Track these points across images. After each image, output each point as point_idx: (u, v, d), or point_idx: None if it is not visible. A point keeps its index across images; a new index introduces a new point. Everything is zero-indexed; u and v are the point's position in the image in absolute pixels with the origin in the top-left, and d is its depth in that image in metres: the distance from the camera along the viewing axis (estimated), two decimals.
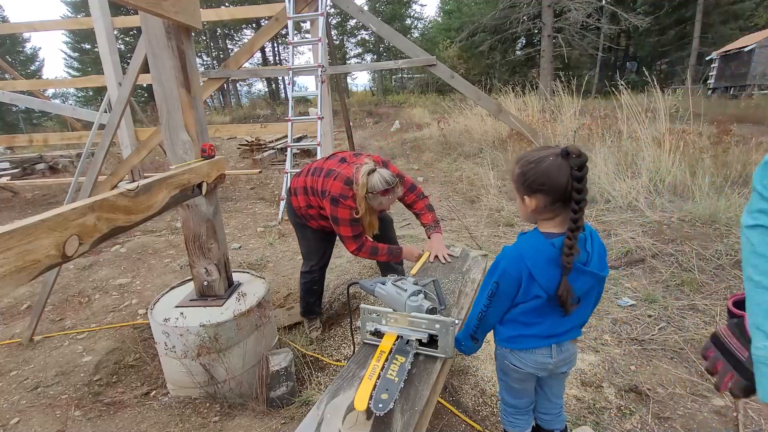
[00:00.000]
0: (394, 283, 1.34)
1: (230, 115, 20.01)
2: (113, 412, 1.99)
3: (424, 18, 37.33)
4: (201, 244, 2.02)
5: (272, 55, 34.73)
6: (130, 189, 1.34)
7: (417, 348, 1.23)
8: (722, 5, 21.19)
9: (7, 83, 7.18)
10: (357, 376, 1.18)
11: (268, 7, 5.43)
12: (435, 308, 1.28)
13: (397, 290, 1.31)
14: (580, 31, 18.44)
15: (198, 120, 1.89)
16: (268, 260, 3.75)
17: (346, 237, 2.04)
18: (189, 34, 1.82)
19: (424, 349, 1.24)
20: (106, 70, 5.57)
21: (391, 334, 1.25)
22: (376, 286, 1.38)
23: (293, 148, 5.34)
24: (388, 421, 1.01)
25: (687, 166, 4.39)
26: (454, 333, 1.21)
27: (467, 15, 25.23)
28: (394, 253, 2.16)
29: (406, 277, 1.44)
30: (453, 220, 4.37)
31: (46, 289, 2.59)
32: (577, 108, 6.42)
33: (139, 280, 3.52)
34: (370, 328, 1.30)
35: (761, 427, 1.66)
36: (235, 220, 5.16)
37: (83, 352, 2.50)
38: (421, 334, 1.22)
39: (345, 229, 2.02)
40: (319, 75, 5.08)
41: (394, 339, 1.24)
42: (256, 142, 9.19)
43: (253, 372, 2.03)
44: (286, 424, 1.76)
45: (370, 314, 1.29)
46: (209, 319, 1.88)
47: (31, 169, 8.85)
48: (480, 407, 1.84)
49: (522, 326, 1.15)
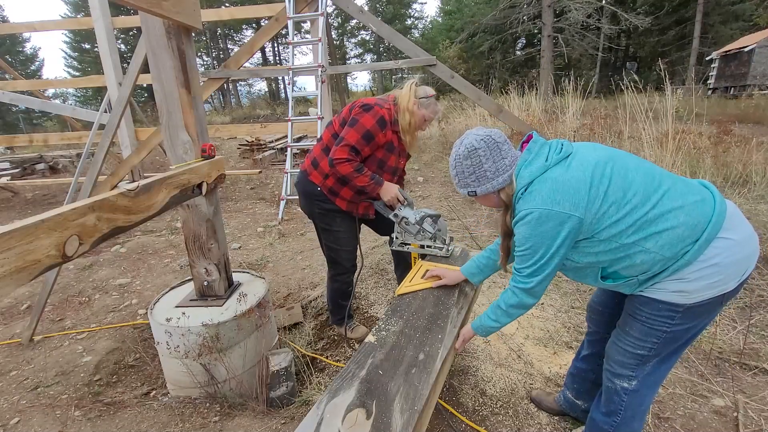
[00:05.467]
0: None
1: (230, 115, 20.02)
2: (113, 412, 1.99)
3: (425, 18, 37.40)
4: (201, 244, 2.02)
5: (272, 55, 34.74)
6: (130, 189, 1.34)
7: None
8: (722, 5, 21.17)
9: (7, 83, 7.17)
10: (357, 376, 1.18)
11: (268, 7, 5.43)
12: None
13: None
14: (580, 31, 18.43)
15: (198, 120, 1.89)
16: (268, 260, 3.75)
17: (345, 143, 1.87)
18: (189, 34, 1.81)
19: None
20: (106, 70, 5.57)
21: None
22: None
23: (293, 148, 5.35)
24: (387, 421, 1.01)
25: (688, 166, 4.39)
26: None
27: (467, 15, 25.22)
28: (377, 180, 1.96)
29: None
30: (453, 220, 4.37)
31: (46, 289, 2.59)
32: (577, 108, 6.43)
33: (139, 280, 3.52)
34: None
35: (761, 427, 1.66)
36: (235, 220, 5.16)
37: (83, 352, 2.50)
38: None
39: (353, 134, 1.87)
40: (319, 75, 5.08)
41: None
42: (256, 142, 9.19)
43: (253, 372, 2.03)
44: (286, 424, 1.75)
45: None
46: (210, 319, 1.88)
47: (31, 169, 8.85)
48: (480, 407, 1.84)
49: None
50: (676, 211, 1.06)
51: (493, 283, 2.96)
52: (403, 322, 1.46)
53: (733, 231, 1.07)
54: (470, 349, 2.25)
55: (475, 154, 1.21)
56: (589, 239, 1.12)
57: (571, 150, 1.17)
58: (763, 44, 16.19)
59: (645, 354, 1.22)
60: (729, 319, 2.36)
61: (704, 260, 1.06)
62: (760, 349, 2.11)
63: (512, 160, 1.22)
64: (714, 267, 1.05)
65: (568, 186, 1.08)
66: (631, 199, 1.08)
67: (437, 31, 31.14)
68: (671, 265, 1.08)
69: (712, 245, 1.05)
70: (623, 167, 1.12)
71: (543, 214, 1.08)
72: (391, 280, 3.13)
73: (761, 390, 1.86)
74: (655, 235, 1.06)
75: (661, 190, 1.09)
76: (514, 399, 1.88)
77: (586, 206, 1.07)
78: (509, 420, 1.76)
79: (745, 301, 2.48)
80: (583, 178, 1.09)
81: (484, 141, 1.21)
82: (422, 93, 1.96)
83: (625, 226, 1.07)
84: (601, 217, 1.08)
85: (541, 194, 1.10)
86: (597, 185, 1.08)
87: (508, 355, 2.19)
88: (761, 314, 2.38)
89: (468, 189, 1.27)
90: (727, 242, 1.06)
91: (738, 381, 1.92)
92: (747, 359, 2.04)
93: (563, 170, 1.11)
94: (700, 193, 1.11)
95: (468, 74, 23.46)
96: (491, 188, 1.22)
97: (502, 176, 1.21)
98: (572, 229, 1.08)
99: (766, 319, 2.34)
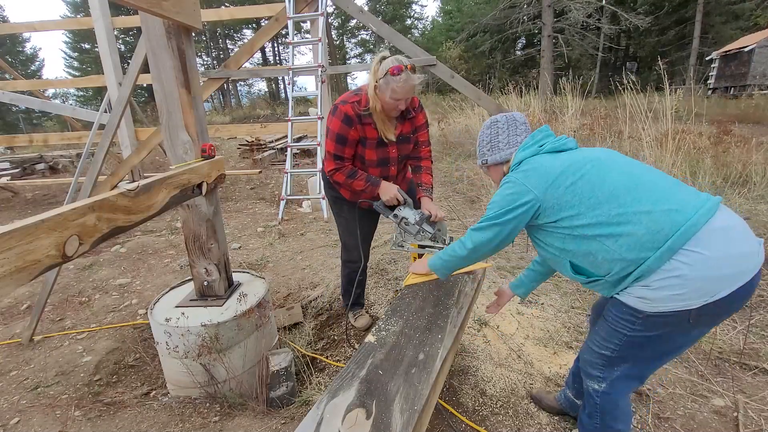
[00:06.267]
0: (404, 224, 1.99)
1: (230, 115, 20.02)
2: (113, 412, 1.99)
3: (425, 18, 37.42)
4: (201, 244, 2.02)
5: (272, 55, 34.75)
6: (130, 189, 1.34)
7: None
8: (722, 5, 21.18)
9: (7, 83, 7.17)
10: (357, 376, 1.18)
11: (268, 7, 5.43)
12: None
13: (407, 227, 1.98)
14: (580, 31, 18.45)
15: (198, 120, 1.89)
16: (268, 260, 3.75)
17: (327, 153, 1.90)
18: (189, 34, 1.81)
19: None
20: (106, 70, 5.57)
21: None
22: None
23: (293, 148, 5.35)
24: (387, 421, 1.01)
25: (687, 166, 4.39)
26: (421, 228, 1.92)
27: (467, 15, 25.23)
28: (373, 182, 1.96)
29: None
30: (453, 220, 4.37)
31: (46, 289, 2.59)
32: (577, 108, 6.43)
33: (139, 280, 3.52)
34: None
35: (761, 427, 1.66)
36: (235, 220, 5.16)
37: (83, 352, 2.50)
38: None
39: (329, 143, 1.88)
40: (319, 75, 5.08)
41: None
42: (256, 142, 9.19)
43: (253, 372, 2.03)
44: (286, 424, 1.75)
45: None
46: (210, 319, 1.88)
47: (31, 169, 8.85)
48: (480, 407, 1.84)
49: None
50: (641, 215, 1.08)
51: (494, 283, 2.96)
52: (403, 322, 1.47)
53: (710, 247, 1.01)
54: (470, 349, 2.25)
55: (495, 125, 1.43)
56: (554, 223, 1.22)
57: (571, 147, 1.30)
58: (763, 44, 16.20)
59: (609, 355, 1.25)
60: (729, 319, 2.36)
61: (668, 270, 1.04)
62: (760, 349, 2.11)
63: (523, 139, 1.39)
64: (677, 279, 1.03)
65: (542, 170, 1.23)
66: (598, 197, 1.14)
67: (437, 31, 31.15)
68: (633, 270, 1.09)
69: (678, 257, 1.03)
70: (606, 168, 1.18)
71: (512, 182, 1.26)
72: (391, 280, 3.13)
73: (761, 390, 1.86)
74: (615, 235, 1.11)
75: (633, 193, 1.11)
76: (514, 399, 1.88)
77: (546, 189, 1.20)
78: (509, 420, 1.76)
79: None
80: (556, 167, 1.22)
81: (505, 116, 1.43)
82: (381, 72, 1.71)
83: (586, 220, 1.15)
84: (562, 205, 1.18)
85: (521, 170, 1.27)
86: (566, 176, 1.19)
87: (508, 355, 2.19)
88: (761, 314, 2.38)
89: (482, 158, 1.47)
90: (696, 256, 1.02)
91: (738, 381, 1.92)
92: (747, 359, 2.04)
93: (549, 158, 1.26)
94: (681, 203, 1.07)
95: (468, 74, 23.48)
96: (499, 158, 1.41)
97: (511, 150, 1.39)
98: (528, 203, 1.22)
99: (766, 319, 2.34)
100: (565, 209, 1.18)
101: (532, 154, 1.30)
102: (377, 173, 2.03)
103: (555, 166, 1.21)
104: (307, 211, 5.29)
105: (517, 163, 1.32)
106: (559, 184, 1.19)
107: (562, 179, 1.19)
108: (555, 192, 1.19)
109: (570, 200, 1.17)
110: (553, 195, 1.19)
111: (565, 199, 1.18)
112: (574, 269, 1.26)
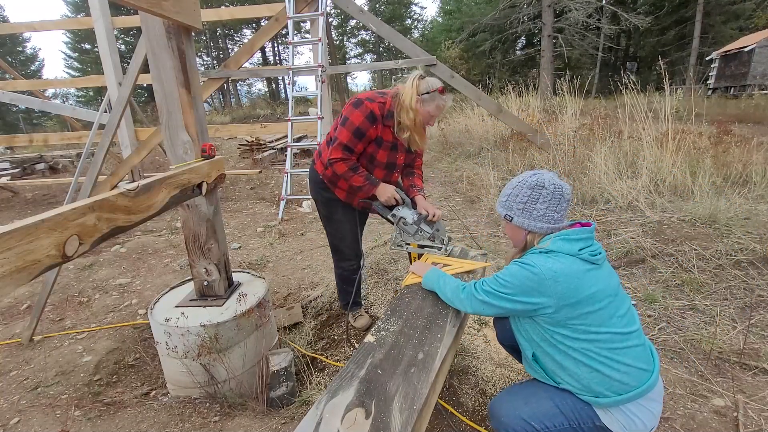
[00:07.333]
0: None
1: (230, 115, 20.03)
2: (113, 412, 1.99)
3: (424, 19, 37.41)
4: (201, 244, 2.02)
5: (272, 55, 34.75)
6: (130, 189, 1.34)
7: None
8: (722, 5, 21.17)
9: (7, 83, 7.17)
10: (356, 375, 1.18)
11: (268, 7, 5.43)
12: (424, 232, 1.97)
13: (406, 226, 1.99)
14: (580, 31, 18.43)
15: (198, 120, 1.89)
16: (268, 260, 3.76)
17: (338, 142, 1.88)
18: (189, 34, 1.82)
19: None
20: (106, 70, 5.57)
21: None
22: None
23: (293, 148, 5.35)
24: (386, 421, 1.01)
25: (687, 166, 4.39)
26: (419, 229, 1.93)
27: (467, 15, 25.23)
28: (372, 181, 1.97)
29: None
30: (453, 220, 4.37)
31: (46, 289, 2.59)
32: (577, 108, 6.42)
33: (139, 280, 3.52)
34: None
35: (761, 427, 1.66)
36: (235, 220, 5.16)
37: (83, 352, 2.50)
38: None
39: (345, 133, 1.87)
40: (319, 75, 5.08)
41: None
42: (256, 142, 9.19)
43: (253, 372, 2.03)
44: (286, 424, 1.76)
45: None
46: (210, 319, 1.88)
47: (31, 169, 8.85)
48: (480, 407, 1.84)
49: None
50: (624, 366, 1.16)
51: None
52: (402, 322, 1.46)
53: (656, 403, 1.18)
54: (470, 349, 2.25)
55: (539, 191, 1.27)
56: (549, 326, 1.21)
57: (600, 262, 1.24)
58: (763, 44, 16.19)
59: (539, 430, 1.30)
60: (729, 319, 2.36)
61: (621, 410, 1.16)
62: (760, 349, 2.11)
63: (559, 219, 1.28)
64: (627, 419, 1.16)
65: (572, 284, 1.16)
66: (599, 333, 1.17)
67: (437, 31, 31.14)
68: (588, 396, 1.19)
69: (631, 406, 1.15)
70: (615, 307, 1.20)
71: (539, 275, 1.17)
72: (391, 280, 3.13)
73: (761, 390, 1.86)
74: (595, 369, 1.16)
75: (625, 342, 1.18)
76: None
77: (564, 306, 1.16)
78: None
79: (745, 301, 2.48)
80: (583, 288, 1.16)
81: (554, 186, 1.27)
82: (425, 88, 1.84)
83: (578, 345, 1.18)
84: (567, 323, 1.18)
85: (551, 265, 1.18)
86: (587, 303, 1.16)
87: (508, 355, 2.19)
88: (761, 314, 2.38)
89: (509, 212, 1.33)
90: (643, 414, 1.16)
91: (738, 381, 1.92)
92: (747, 359, 2.04)
93: (582, 271, 1.18)
94: (648, 364, 1.19)
95: (468, 74, 23.48)
96: (527, 226, 1.29)
97: (543, 224, 1.28)
98: (540, 304, 1.18)
99: (766, 319, 2.34)
100: (567, 328, 1.18)
101: (565, 252, 1.19)
102: (381, 176, 2.06)
103: (583, 287, 1.16)
104: (307, 211, 5.29)
105: (549, 249, 1.22)
106: (577, 306, 1.16)
107: (583, 305, 1.16)
108: (570, 312, 1.16)
109: (576, 325, 1.17)
110: (567, 314, 1.17)
111: (573, 322, 1.17)
112: (534, 359, 1.30)
